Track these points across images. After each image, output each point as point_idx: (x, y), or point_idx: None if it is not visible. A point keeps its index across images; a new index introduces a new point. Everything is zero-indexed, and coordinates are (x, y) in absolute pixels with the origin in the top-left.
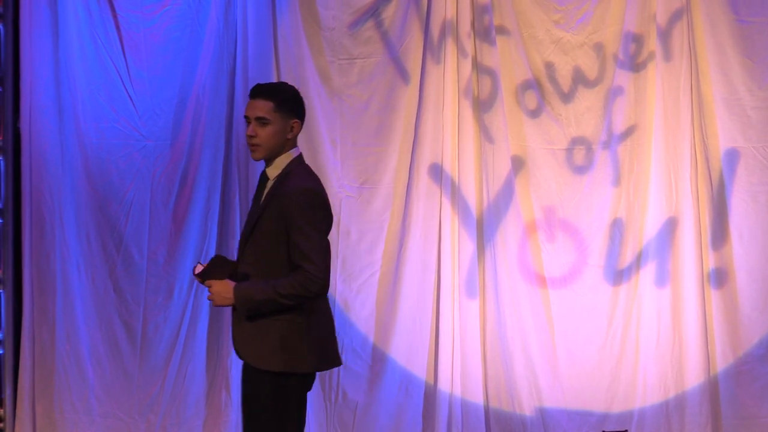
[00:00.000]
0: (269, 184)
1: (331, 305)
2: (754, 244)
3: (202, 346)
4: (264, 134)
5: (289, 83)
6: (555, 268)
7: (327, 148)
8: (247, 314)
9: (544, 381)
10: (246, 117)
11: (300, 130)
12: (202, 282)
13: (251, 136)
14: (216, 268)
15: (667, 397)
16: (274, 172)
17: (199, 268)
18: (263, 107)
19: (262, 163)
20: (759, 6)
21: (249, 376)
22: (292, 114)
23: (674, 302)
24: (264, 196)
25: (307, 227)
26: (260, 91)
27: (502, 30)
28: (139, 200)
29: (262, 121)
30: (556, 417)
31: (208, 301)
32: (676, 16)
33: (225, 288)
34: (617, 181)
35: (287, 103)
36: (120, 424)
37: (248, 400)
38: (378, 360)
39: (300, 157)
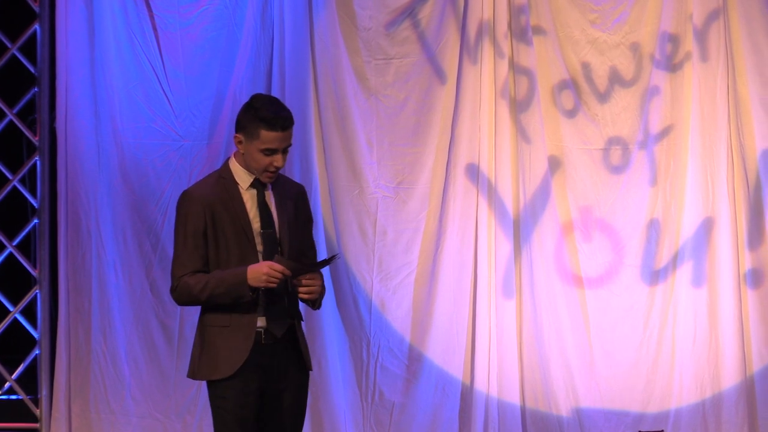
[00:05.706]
0: (262, 190)
1: (367, 305)
2: None
3: None
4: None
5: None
6: (591, 268)
7: (363, 148)
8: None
9: (581, 381)
10: (273, 149)
11: None
12: (293, 277)
13: (280, 167)
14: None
15: (703, 397)
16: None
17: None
18: (290, 137)
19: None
20: None
21: (297, 377)
22: None
23: (711, 302)
24: (275, 199)
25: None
26: (290, 122)
27: (538, 30)
28: (176, 200)
29: (286, 149)
30: (592, 417)
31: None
32: (712, 17)
33: (322, 281)
34: (654, 181)
35: None
36: (156, 425)
37: (300, 400)
38: (414, 360)
39: None
